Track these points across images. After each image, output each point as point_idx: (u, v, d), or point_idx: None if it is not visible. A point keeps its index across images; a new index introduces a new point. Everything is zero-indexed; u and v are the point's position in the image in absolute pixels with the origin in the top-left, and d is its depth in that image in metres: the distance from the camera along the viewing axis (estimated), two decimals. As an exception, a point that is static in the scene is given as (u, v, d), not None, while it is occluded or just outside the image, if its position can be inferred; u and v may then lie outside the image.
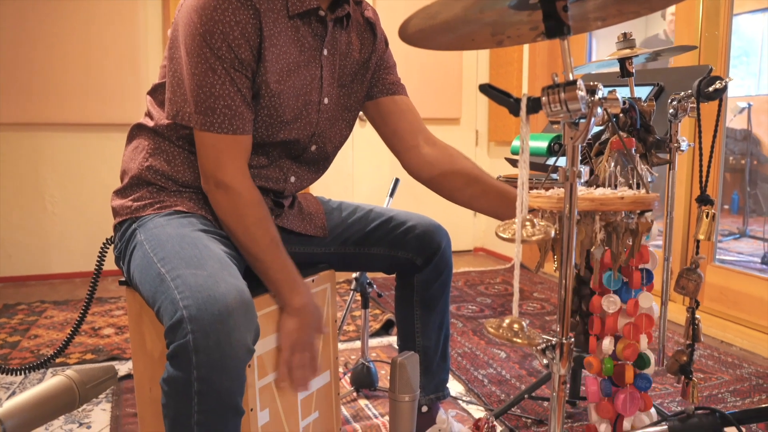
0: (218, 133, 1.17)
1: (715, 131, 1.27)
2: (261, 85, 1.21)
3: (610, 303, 1.25)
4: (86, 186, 3.57)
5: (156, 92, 1.32)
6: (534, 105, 0.82)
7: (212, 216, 1.26)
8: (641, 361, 1.27)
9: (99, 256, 1.33)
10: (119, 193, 1.32)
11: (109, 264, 1.37)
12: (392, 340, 2.53)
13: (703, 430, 1.05)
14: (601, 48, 4.01)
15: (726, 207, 5.47)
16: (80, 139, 3.55)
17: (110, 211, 1.33)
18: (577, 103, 0.81)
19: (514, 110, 0.80)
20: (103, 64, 3.48)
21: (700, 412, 1.08)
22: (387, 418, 1.82)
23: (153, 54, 3.57)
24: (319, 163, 1.42)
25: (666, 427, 1.11)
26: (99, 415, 1.88)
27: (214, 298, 0.97)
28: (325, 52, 1.31)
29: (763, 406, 1.03)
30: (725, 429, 1.08)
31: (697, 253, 1.29)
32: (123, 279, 1.30)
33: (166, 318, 0.99)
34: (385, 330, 2.65)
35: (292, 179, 1.37)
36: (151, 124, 1.31)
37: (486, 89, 0.82)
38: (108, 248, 1.34)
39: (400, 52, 1.46)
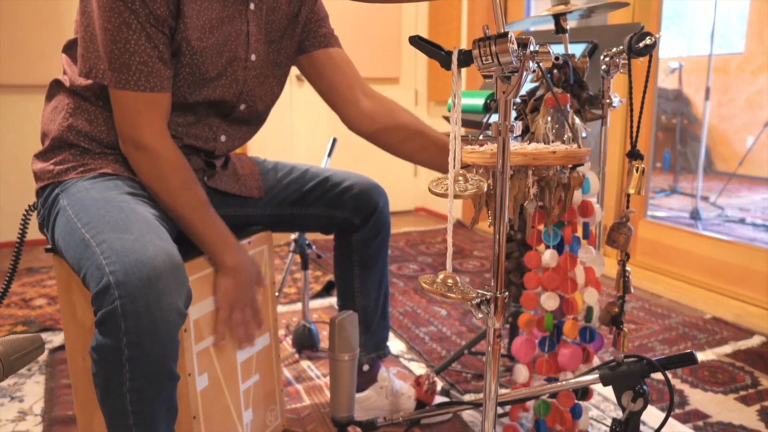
0: (134, 90, 1.12)
1: (645, 87, 1.29)
2: (181, 43, 1.16)
3: (550, 257, 1.27)
4: (7, 151, 3.39)
5: (71, 49, 1.25)
6: (465, 58, 0.80)
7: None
8: (587, 315, 1.31)
9: (21, 224, 1.27)
10: (40, 156, 1.25)
11: (38, 232, 1.31)
12: (333, 301, 2.53)
13: (631, 377, 1.09)
14: (539, 7, 4.02)
15: (658, 165, 5.67)
16: (-1, 101, 3.36)
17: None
18: (509, 56, 0.79)
19: (446, 63, 0.79)
20: (20, 19, 3.27)
21: (628, 360, 1.12)
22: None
23: (75, 8, 3.38)
24: (251, 122, 1.38)
25: (597, 375, 1.15)
26: (32, 387, 1.82)
27: (142, 261, 0.94)
28: (252, 6, 1.25)
29: (686, 351, 1.07)
30: (652, 375, 1.12)
31: (627, 207, 1.32)
32: (49, 246, 1.25)
33: (93, 284, 0.95)
34: (326, 291, 2.65)
35: (223, 138, 1.33)
36: (68, 83, 1.23)
37: (416, 41, 0.80)
38: (31, 215, 1.28)
39: (336, 8, 1.42)
